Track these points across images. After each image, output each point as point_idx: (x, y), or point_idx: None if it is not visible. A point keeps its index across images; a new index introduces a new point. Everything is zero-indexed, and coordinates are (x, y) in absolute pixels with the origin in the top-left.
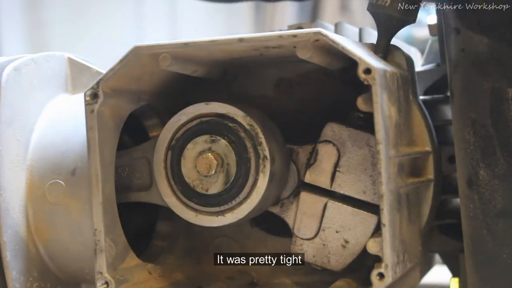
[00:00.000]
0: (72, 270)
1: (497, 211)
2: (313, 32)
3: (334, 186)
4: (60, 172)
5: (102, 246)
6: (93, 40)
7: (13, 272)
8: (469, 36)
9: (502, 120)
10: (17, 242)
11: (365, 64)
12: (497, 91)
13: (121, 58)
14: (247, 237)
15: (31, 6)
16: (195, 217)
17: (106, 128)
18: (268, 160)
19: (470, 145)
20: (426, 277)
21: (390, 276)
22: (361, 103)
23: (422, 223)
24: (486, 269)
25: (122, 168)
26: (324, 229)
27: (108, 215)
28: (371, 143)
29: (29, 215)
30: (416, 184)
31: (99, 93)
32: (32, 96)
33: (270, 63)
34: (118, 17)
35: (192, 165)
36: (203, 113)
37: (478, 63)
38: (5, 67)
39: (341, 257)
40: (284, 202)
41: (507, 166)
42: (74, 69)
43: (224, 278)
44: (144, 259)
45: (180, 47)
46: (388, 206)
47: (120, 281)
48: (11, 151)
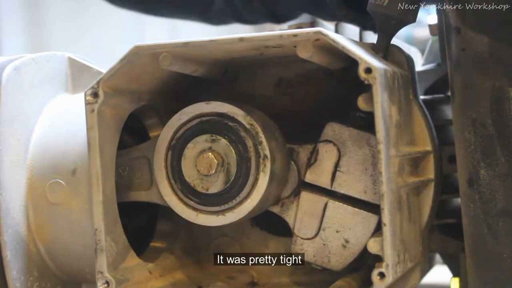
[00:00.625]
0: (72, 269)
1: (498, 210)
2: (314, 32)
3: (335, 186)
4: (61, 172)
5: (102, 246)
6: (93, 40)
7: (13, 271)
8: (469, 36)
9: (502, 120)
10: (17, 242)
11: (365, 63)
12: (498, 90)
13: (122, 57)
14: (247, 237)
15: (31, 5)
16: (195, 217)
17: (106, 127)
18: (268, 160)
19: (471, 145)
20: (427, 277)
21: (391, 276)
22: (362, 102)
23: (423, 222)
24: (487, 269)
25: (123, 168)
26: (324, 228)
27: (109, 215)
28: (372, 143)
29: (29, 215)
30: (417, 183)
31: (99, 93)
32: (33, 96)
33: (270, 62)
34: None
35: (193, 164)
36: (204, 113)
37: (478, 62)
38: (5, 67)
39: (342, 257)
40: (284, 201)
41: (507, 165)
42: (75, 68)
43: (224, 278)
44: (145, 259)
45: (180, 46)
46: (389, 206)
47: (121, 280)
48: (11, 151)
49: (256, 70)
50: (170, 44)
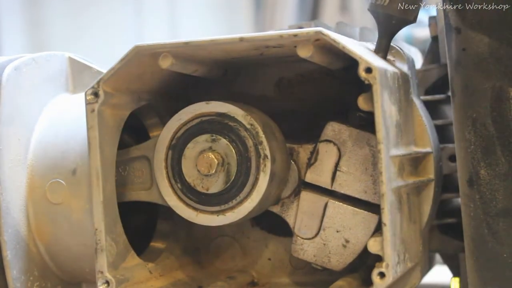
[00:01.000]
0: (72, 269)
1: (498, 210)
2: (314, 32)
3: (335, 186)
4: (61, 172)
5: (102, 246)
6: (93, 39)
7: (13, 271)
8: (470, 36)
9: (502, 119)
10: (17, 242)
11: (365, 63)
12: (498, 90)
13: (122, 57)
14: (247, 237)
15: (31, 5)
16: (195, 217)
17: (106, 127)
18: (268, 159)
19: (471, 145)
20: (427, 277)
21: (391, 276)
22: (362, 102)
23: (423, 222)
24: (487, 269)
25: (123, 167)
26: (324, 228)
27: (109, 215)
28: (372, 143)
29: (29, 215)
30: (417, 183)
31: (99, 93)
32: (33, 96)
33: (271, 62)
34: (118, 15)
35: (193, 164)
36: (204, 112)
37: (478, 62)
38: (5, 67)
39: (342, 257)
40: (284, 201)
41: (507, 165)
42: (75, 68)
43: (224, 278)
44: (145, 259)
45: (180, 46)
46: (389, 206)
47: (121, 280)
48: (11, 151)
49: (256, 70)
50: (170, 44)
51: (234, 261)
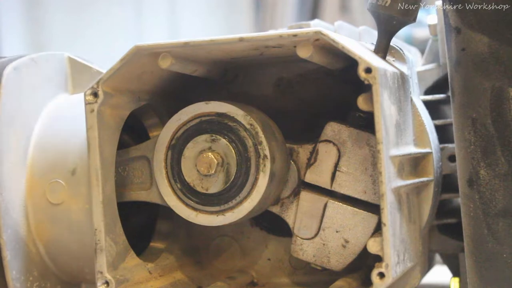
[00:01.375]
0: (72, 269)
1: (498, 210)
2: (314, 32)
3: (334, 186)
4: (60, 172)
5: (102, 246)
6: (93, 39)
7: (13, 271)
8: (469, 36)
9: (502, 120)
10: (17, 242)
11: (365, 63)
12: (498, 90)
13: (121, 57)
14: (247, 237)
15: (31, 5)
16: (195, 217)
17: (106, 127)
18: (268, 159)
19: (471, 145)
20: (426, 277)
21: (391, 276)
22: (362, 102)
23: (422, 222)
24: (487, 269)
25: (122, 168)
26: (324, 228)
27: (108, 215)
28: (372, 143)
29: (29, 215)
30: (417, 183)
31: (99, 93)
32: (32, 96)
33: (270, 62)
34: (117, 15)
35: (192, 164)
36: (203, 112)
37: (478, 62)
38: (5, 67)
39: (341, 257)
40: (284, 201)
41: (507, 165)
42: (74, 68)
43: (224, 278)
44: (144, 259)
45: (180, 46)
46: (389, 206)
47: (120, 280)
48: (11, 151)
49: (256, 70)
50: (170, 44)
51: (233, 261)
